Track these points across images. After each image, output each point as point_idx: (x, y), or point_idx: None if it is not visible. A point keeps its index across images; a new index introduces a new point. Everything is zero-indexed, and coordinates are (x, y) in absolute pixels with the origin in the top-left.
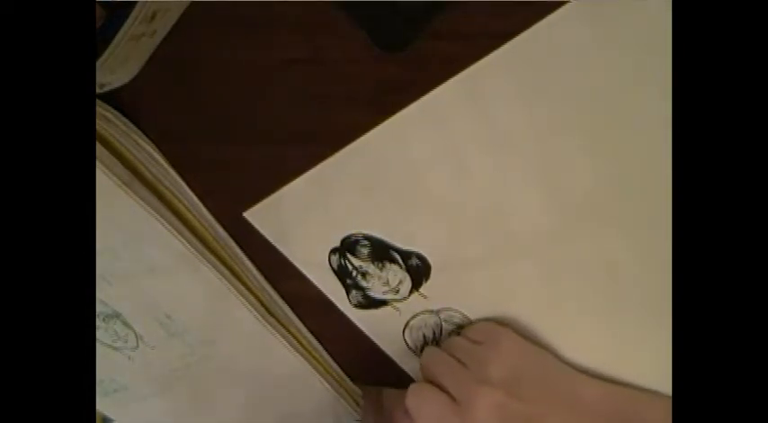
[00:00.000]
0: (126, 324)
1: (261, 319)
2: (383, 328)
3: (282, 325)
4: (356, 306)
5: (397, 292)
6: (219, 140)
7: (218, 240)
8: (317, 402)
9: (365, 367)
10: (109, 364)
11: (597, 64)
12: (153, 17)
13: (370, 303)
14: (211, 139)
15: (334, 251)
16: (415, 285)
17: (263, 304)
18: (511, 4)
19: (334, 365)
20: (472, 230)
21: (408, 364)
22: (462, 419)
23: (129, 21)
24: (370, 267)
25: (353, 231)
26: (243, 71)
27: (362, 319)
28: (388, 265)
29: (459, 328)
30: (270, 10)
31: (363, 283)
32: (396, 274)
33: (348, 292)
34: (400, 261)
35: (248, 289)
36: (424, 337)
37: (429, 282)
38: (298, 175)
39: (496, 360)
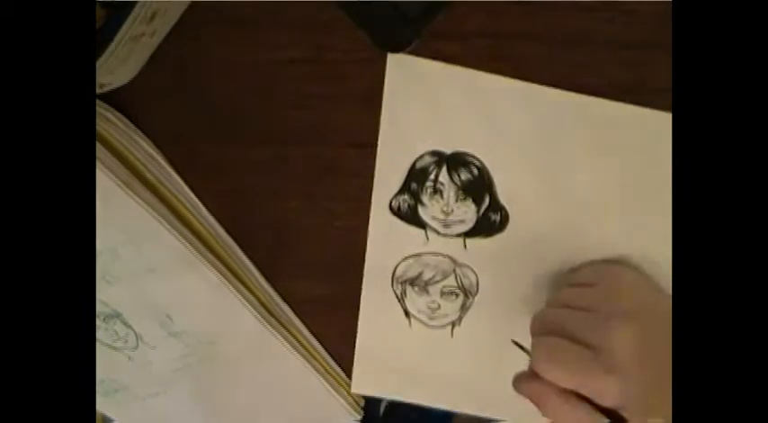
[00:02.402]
0: (126, 324)
1: (261, 319)
2: (389, 245)
3: (282, 325)
4: (391, 209)
5: (448, 226)
6: (219, 140)
7: (218, 240)
8: (318, 402)
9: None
10: (109, 364)
11: None
12: (153, 17)
13: (409, 217)
14: (211, 139)
15: (434, 154)
16: (471, 234)
17: (263, 304)
18: (510, 5)
19: (334, 365)
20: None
21: (373, 287)
22: (603, 363)
23: (129, 21)
24: (451, 192)
25: (476, 154)
26: (243, 71)
27: (380, 224)
28: (469, 202)
29: (459, 290)
30: (270, 10)
31: (424, 198)
32: (465, 214)
33: (399, 193)
34: (484, 207)
35: (248, 289)
36: (419, 275)
37: (485, 240)
38: (297, 174)
39: (621, 293)
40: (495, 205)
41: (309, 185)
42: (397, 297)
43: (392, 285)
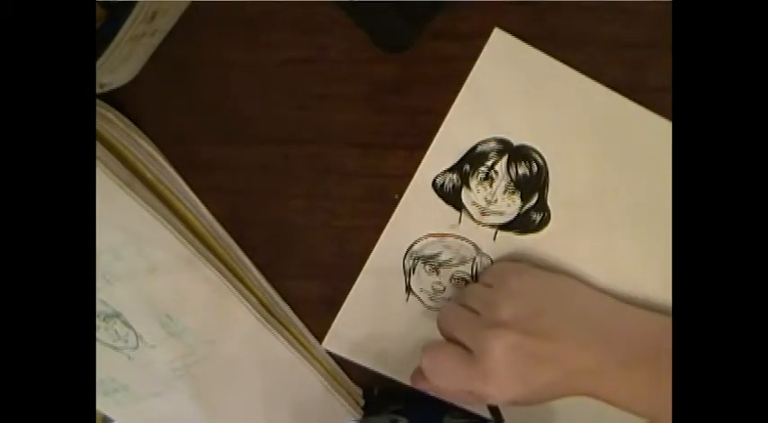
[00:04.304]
0: (126, 324)
1: (261, 318)
2: (417, 218)
3: (283, 325)
4: (434, 184)
5: (485, 215)
6: (219, 140)
7: (219, 240)
8: (317, 402)
9: (365, 367)
10: (109, 364)
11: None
12: (153, 17)
13: (450, 197)
14: (211, 139)
15: (500, 141)
16: (505, 227)
17: (263, 304)
18: (510, 5)
19: (334, 365)
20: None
21: (384, 254)
22: (477, 369)
23: (129, 21)
24: (502, 183)
25: (543, 152)
26: (243, 71)
27: (417, 196)
28: (516, 197)
29: (470, 278)
30: (270, 10)
31: (473, 182)
32: (508, 207)
33: (449, 170)
34: (529, 205)
35: (249, 289)
36: (435, 255)
37: (517, 236)
38: (297, 174)
39: (506, 299)
40: (542, 206)
41: (309, 185)
42: (404, 270)
43: (404, 258)
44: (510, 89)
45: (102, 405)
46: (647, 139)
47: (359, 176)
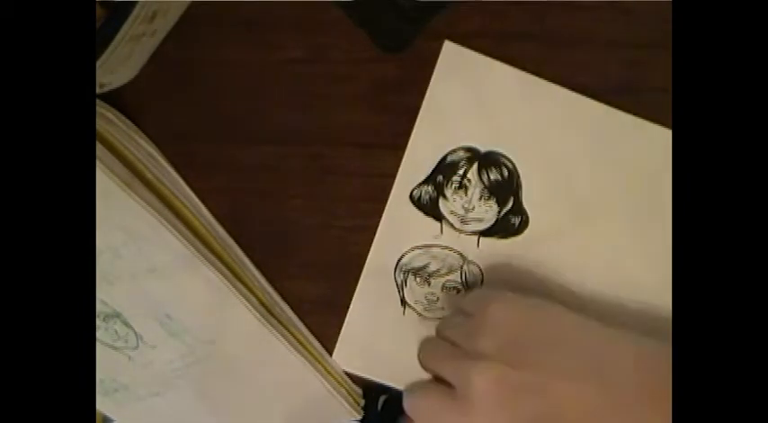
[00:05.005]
0: (126, 324)
1: (261, 319)
2: (401, 233)
3: (282, 325)
4: (412, 198)
5: (465, 223)
6: (219, 140)
7: (219, 240)
8: (318, 402)
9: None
10: (109, 364)
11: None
12: (153, 17)
13: (428, 208)
14: (211, 139)
15: (468, 149)
16: (487, 233)
17: (263, 304)
18: (510, 4)
19: (335, 365)
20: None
21: (375, 271)
22: (460, 405)
23: (130, 21)
24: (476, 190)
25: (510, 156)
26: (243, 71)
27: (396, 211)
28: (492, 202)
29: (461, 286)
30: (270, 10)
31: (448, 192)
32: (486, 213)
33: (424, 183)
34: (506, 209)
35: (249, 289)
36: (424, 266)
37: (499, 241)
38: (297, 174)
39: (487, 329)
40: (518, 209)
41: (309, 185)
42: (396, 285)
43: (395, 272)
44: (466, 99)
45: (102, 405)
46: (609, 134)
47: (359, 176)
